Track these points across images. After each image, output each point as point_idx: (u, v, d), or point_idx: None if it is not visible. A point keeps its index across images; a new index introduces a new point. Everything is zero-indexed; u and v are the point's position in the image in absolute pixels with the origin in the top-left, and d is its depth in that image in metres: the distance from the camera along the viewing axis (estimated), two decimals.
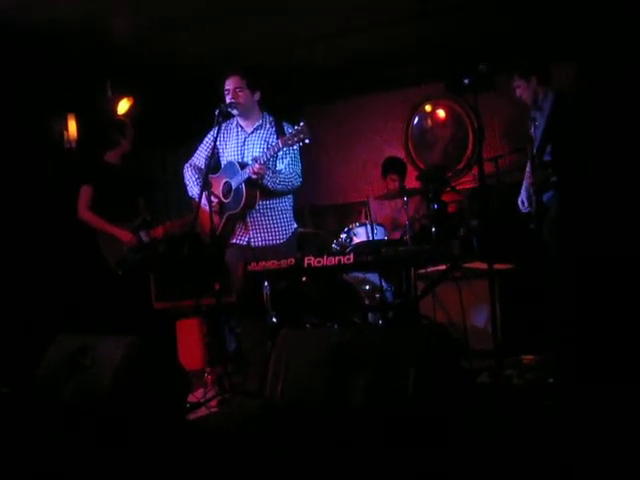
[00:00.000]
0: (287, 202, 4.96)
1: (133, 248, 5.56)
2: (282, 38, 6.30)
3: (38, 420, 3.95)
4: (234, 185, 4.76)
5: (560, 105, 4.61)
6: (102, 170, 5.73)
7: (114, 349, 3.84)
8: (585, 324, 4.50)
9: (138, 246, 5.58)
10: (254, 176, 4.56)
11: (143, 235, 5.58)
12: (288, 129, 4.69)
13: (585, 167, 4.59)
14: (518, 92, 4.84)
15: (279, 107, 5.16)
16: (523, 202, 4.94)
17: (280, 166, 4.82)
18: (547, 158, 4.64)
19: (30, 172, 6.51)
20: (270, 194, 4.78)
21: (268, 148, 4.60)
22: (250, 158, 4.75)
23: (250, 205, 4.75)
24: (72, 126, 6.88)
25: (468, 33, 6.36)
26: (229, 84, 4.82)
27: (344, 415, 3.15)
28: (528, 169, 4.88)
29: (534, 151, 4.67)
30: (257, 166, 4.52)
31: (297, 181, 4.84)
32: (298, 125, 4.42)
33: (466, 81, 4.63)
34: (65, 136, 6.87)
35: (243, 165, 4.74)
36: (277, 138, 4.67)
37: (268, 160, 4.60)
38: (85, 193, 5.65)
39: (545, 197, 4.67)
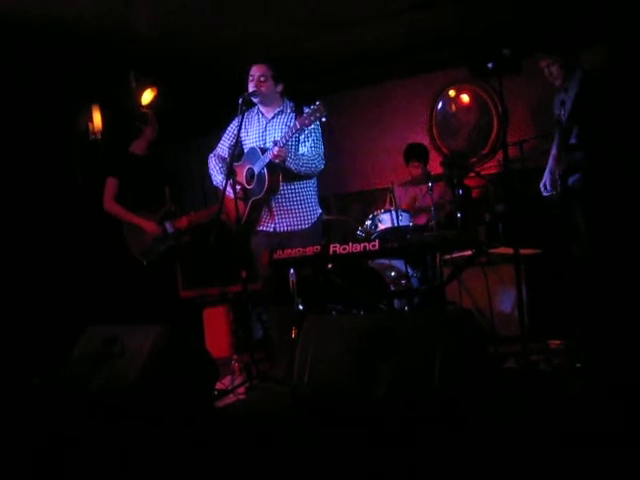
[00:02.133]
0: (311, 187, 4.96)
1: (158, 238, 5.58)
2: (304, 25, 6.29)
3: (67, 411, 4.00)
4: (256, 170, 4.77)
5: (587, 85, 4.54)
6: (127, 161, 5.75)
7: (143, 339, 3.86)
8: (614, 307, 4.47)
9: (163, 236, 5.59)
10: (276, 160, 4.56)
11: (168, 226, 5.59)
12: (305, 110, 4.69)
13: (614, 148, 4.54)
14: (547, 71, 4.78)
15: (302, 96, 5.16)
16: (545, 186, 4.90)
17: (303, 149, 4.82)
18: (573, 141, 4.60)
19: (56, 164, 6.56)
20: (293, 177, 4.79)
21: (287, 130, 4.61)
22: (271, 144, 4.76)
23: (273, 189, 4.76)
24: (97, 117, 6.94)
25: (492, 16, 6.30)
26: (254, 71, 4.82)
27: (370, 403, 3.16)
28: (553, 152, 4.85)
29: (561, 133, 4.64)
30: (277, 149, 4.52)
31: (320, 163, 4.84)
32: (314, 104, 4.43)
33: (490, 65, 4.60)
34: (90, 127, 6.93)
35: (264, 150, 4.74)
36: (295, 119, 4.67)
37: (288, 142, 4.60)
38: (111, 185, 5.68)
39: (571, 180, 4.64)
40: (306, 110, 4.61)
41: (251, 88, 4.79)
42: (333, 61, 7.32)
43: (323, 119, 4.41)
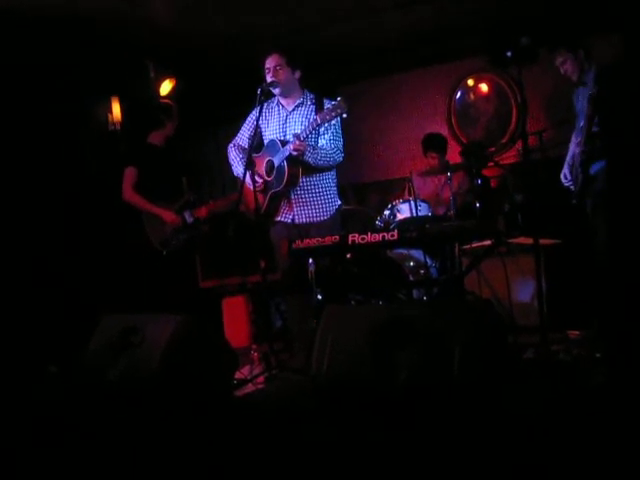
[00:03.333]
0: (330, 179, 4.96)
1: (177, 228, 5.59)
2: (320, 15, 6.27)
3: (85, 399, 4.02)
4: (276, 163, 4.78)
5: (603, 78, 4.53)
6: (146, 152, 5.76)
7: (162, 328, 3.86)
8: (634, 300, 4.45)
9: (182, 226, 5.61)
10: (295, 153, 4.57)
11: (187, 215, 5.61)
12: (327, 104, 4.69)
13: (636, 137, 4.51)
14: (563, 68, 4.77)
15: (320, 85, 5.15)
16: (566, 175, 4.89)
17: (322, 142, 4.82)
18: (595, 129, 4.57)
19: (76, 154, 6.60)
20: (312, 170, 4.79)
21: (307, 125, 4.61)
22: (292, 136, 4.76)
23: (293, 183, 4.76)
24: (116, 108, 6.96)
25: (510, 5, 6.27)
26: (269, 62, 4.83)
27: (389, 393, 3.16)
28: (572, 143, 4.83)
29: (581, 123, 4.62)
30: (297, 142, 4.53)
31: (339, 156, 4.84)
32: (335, 100, 4.43)
33: (508, 54, 4.58)
34: (109, 118, 6.96)
35: (284, 143, 4.74)
36: (316, 114, 4.67)
37: (308, 136, 4.60)
38: (129, 174, 5.69)
39: (592, 169, 4.61)
40: (327, 104, 4.63)
41: (269, 79, 4.80)
42: (351, 51, 7.31)
43: (344, 115, 4.40)
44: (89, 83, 6.58)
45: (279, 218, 4.93)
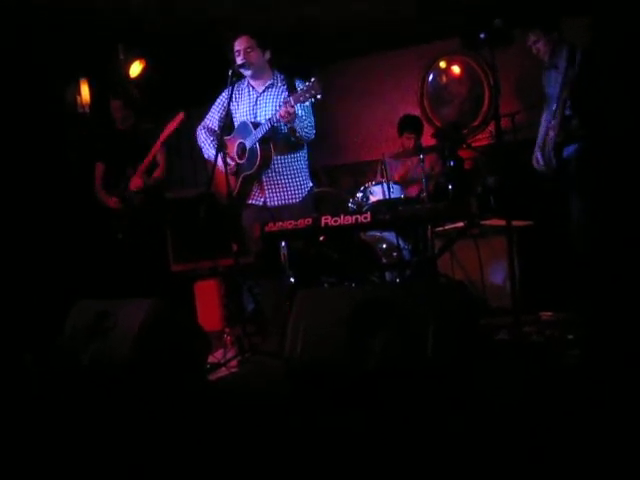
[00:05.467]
0: (302, 160, 4.94)
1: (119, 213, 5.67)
2: None
3: (60, 385, 4.00)
4: (248, 145, 4.75)
5: (574, 60, 4.53)
6: (112, 139, 5.76)
7: (134, 312, 3.87)
8: (610, 284, 4.47)
9: (127, 205, 5.68)
10: (283, 119, 4.48)
11: (127, 194, 5.65)
12: (300, 85, 4.65)
13: (610, 117, 4.52)
14: (535, 47, 4.77)
15: (291, 67, 5.11)
16: (537, 160, 4.87)
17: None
18: (567, 112, 4.57)
19: (45, 138, 6.52)
20: (286, 149, 4.78)
21: (280, 105, 4.56)
22: (263, 118, 4.73)
23: (265, 164, 4.74)
24: (85, 91, 6.87)
25: None
26: (239, 44, 4.78)
27: (363, 374, 3.16)
28: (542, 126, 4.84)
29: (553, 107, 4.62)
30: (288, 107, 4.43)
31: (312, 132, 4.81)
32: (309, 81, 4.39)
33: (482, 36, 4.56)
34: (78, 101, 6.87)
35: (256, 125, 4.72)
36: (289, 95, 4.63)
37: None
38: (97, 172, 5.85)
39: (565, 152, 4.62)
40: (299, 86, 4.59)
41: (239, 61, 4.75)
42: (321, 33, 7.25)
43: (318, 96, 4.35)
44: (58, 65, 6.48)
45: (251, 201, 4.90)
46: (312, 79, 4.36)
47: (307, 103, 4.64)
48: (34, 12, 5.78)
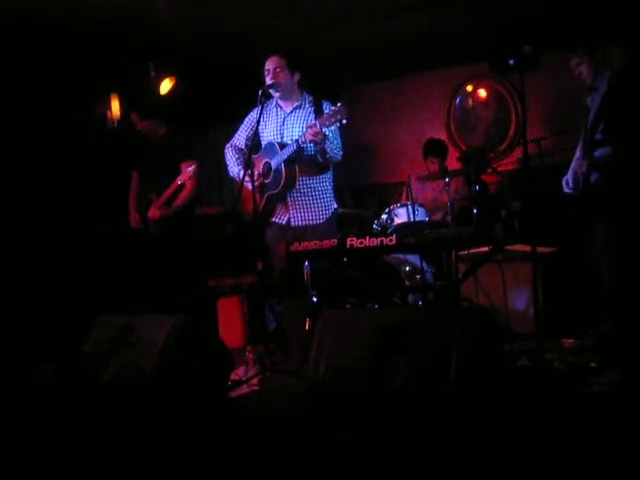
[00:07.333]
0: (327, 181, 4.97)
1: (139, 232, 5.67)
2: (321, 19, 6.25)
3: (80, 399, 4.01)
4: (274, 165, 4.79)
5: (614, 84, 4.48)
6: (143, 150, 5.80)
7: (158, 328, 3.87)
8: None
9: (139, 229, 5.67)
10: (312, 139, 4.48)
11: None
12: (327, 108, 4.67)
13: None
14: (578, 70, 4.73)
15: (319, 88, 5.15)
16: (568, 182, 4.83)
17: None
18: (598, 137, 4.53)
19: (75, 152, 6.59)
20: (313, 168, 4.81)
21: (307, 127, 4.57)
22: (289, 138, 4.76)
23: (290, 185, 4.77)
24: (115, 106, 6.94)
25: (513, 12, 6.25)
26: (269, 64, 4.84)
27: (385, 398, 3.16)
28: (579, 149, 4.79)
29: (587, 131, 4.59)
30: (315, 129, 4.44)
31: (341, 154, 4.84)
32: (335, 105, 4.41)
33: (511, 62, 4.57)
34: (108, 115, 6.94)
35: (283, 145, 4.75)
36: (315, 118, 4.66)
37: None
38: (133, 182, 5.81)
39: (593, 178, 4.58)
40: (326, 107, 4.63)
41: (269, 81, 4.79)
42: (350, 54, 7.28)
43: (344, 121, 4.37)
44: (89, 81, 6.55)
45: (274, 219, 4.93)
46: (339, 104, 4.38)
47: (333, 127, 4.66)
48: (66, 29, 5.85)
